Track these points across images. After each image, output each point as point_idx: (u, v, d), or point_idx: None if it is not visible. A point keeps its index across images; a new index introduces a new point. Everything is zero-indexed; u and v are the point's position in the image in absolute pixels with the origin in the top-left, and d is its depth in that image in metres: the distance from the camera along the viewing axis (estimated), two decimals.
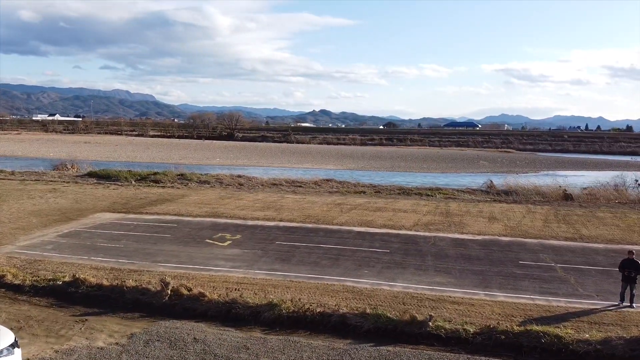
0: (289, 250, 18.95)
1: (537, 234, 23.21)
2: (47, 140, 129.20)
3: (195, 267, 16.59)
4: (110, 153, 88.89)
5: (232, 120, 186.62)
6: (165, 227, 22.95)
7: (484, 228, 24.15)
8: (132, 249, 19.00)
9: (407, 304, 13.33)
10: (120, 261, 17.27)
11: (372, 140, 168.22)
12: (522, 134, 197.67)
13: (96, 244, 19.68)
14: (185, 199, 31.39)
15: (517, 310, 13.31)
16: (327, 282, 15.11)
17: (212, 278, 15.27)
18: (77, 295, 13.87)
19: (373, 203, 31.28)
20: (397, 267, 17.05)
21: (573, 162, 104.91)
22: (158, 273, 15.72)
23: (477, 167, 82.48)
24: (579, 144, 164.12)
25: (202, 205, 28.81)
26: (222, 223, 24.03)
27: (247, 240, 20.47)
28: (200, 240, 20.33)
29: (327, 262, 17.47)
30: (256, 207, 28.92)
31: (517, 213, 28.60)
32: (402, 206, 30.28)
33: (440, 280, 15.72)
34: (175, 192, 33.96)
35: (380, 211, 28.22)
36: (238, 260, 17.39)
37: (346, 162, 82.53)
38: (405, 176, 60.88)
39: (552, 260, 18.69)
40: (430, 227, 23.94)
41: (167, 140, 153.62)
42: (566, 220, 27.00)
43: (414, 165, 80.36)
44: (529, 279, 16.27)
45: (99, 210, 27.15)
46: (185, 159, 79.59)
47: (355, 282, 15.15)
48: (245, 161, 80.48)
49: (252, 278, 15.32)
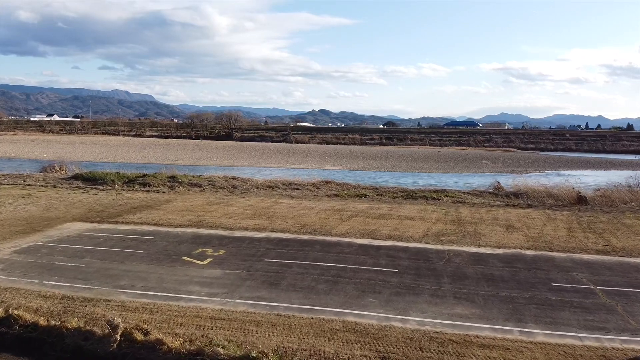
0: (279, 271, 16.05)
1: (564, 246, 20.33)
2: (42, 141, 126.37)
3: (163, 294, 13.69)
4: (105, 154, 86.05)
5: (231, 120, 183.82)
6: (140, 240, 20.06)
7: (503, 239, 21.27)
8: (94, 269, 16.12)
9: (426, 349, 10.44)
10: (76, 286, 14.39)
11: (372, 140, 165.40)
12: (524, 132, 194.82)
13: (54, 263, 16.81)
14: (169, 205, 28.49)
15: (565, 357, 10.45)
16: (323, 315, 12.22)
17: (182, 311, 12.38)
18: (8, 337, 11.04)
19: (376, 209, 28.39)
20: (409, 292, 14.15)
21: (577, 161, 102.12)
22: (117, 304, 12.85)
23: (479, 166, 79.70)
24: (581, 143, 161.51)
25: (186, 213, 25.92)
26: (205, 235, 21.13)
27: (231, 257, 17.56)
28: (176, 258, 17.43)
29: (324, 286, 14.58)
30: (246, 214, 26.02)
31: (536, 220, 25.71)
32: (408, 212, 27.40)
33: (462, 311, 12.83)
34: (160, 197, 31.06)
35: (384, 219, 25.34)
36: (217, 285, 14.49)
37: (346, 162, 79.64)
38: (407, 176, 58.01)
39: (589, 281, 15.83)
40: (442, 239, 21.05)
41: (164, 140, 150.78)
42: (592, 228, 24.12)
43: (415, 165, 77.55)
44: (568, 307, 13.40)
45: (70, 219, 24.26)
46: (181, 160, 76.77)
47: (359, 316, 12.27)
48: (242, 162, 77.64)
49: (230, 311, 12.42)
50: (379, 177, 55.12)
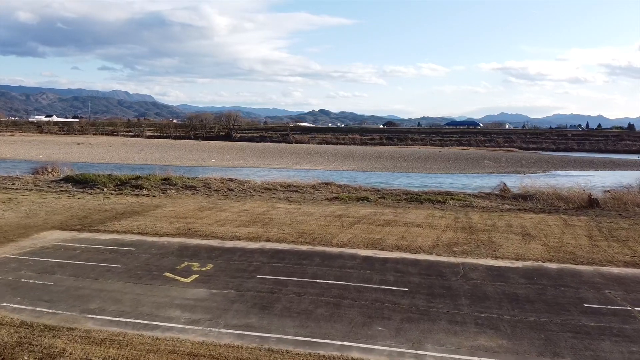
0: (272, 290, 14.12)
1: (588, 258, 18.42)
2: (39, 141, 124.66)
3: (137, 321, 11.77)
4: (101, 155, 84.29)
5: (230, 120, 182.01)
6: (120, 252, 18.14)
7: (521, 249, 19.35)
8: (64, 287, 14.21)
9: None
10: (39, 310, 12.49)
11: (372, 140, 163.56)
12: (525, 132, 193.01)
13: (20, 280, 14.91)
14: (158, 210, 26.58)
15: None
16: (323, 351, 10.28)
17: (156, 344, 10.46)
18: None
19: (380, 214, 26.47)
20: (423, 318, 12.22)
21: (580, 161, 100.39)
22: (81, 334, 10.95)
23: (481, 167, 77.91)
24: (583, 143, 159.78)
25: (175, 220, 23.99)
26: (193, 246, 19.21)
27: (219, 273, 15.63)
28: (158, 274, 15.51)
29: (324, 310, 12.65)
30: (240, 221, 24.09)
31: (554, 227, 23.78)
32: (415, 218, 25.47)
33: (486, 343, 10.91)
34: (150, 202, 29.11)
35: (389, 225, 23.42)
36: (200, 310, 12.56)
37: (346, 163, 77.79)
38: (409, 177, 56.15)
39: (624, 301, 13.92)
40: (454, 249, 19.13)
41: (162, 141, 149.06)
42: (614, 236, 22.21)
43: (417, 166, 75.74)
44: (608, 336, 11.50)
45: (49, 227, 22.36)
46: (179, 161, 75.00)
47: (366, 351, 10.32)
48: (241, 162, 75.84)
49: (213, 345, 10.48)
50: (381, 178, 53.23)
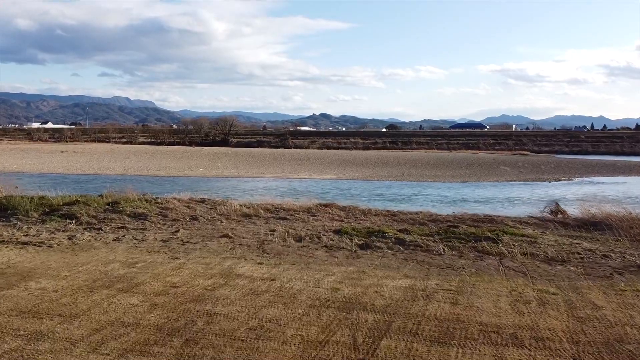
0: None
1: None
2: (22, 150, 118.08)
3: None
4: (81, 164, 77.46)
5: (226, 125, 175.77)
6: None
7: None
8: None
9: None
10: None
11: (375, 144, 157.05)
12: (536, 134, 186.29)
13: None
14: (5, 292, 9.48)
15: None
16: None
17: None
18: None
19: (422, 296, 9.43)
20: None
21: (602, 165, 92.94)
22: None
23: (498, 173, 70.72)
24: (598, 145, 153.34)
25: (3, 335, 8.02)
26: None
27: None
28: None
29: None
30: (142, 330, 7.65)
31: None
32: (492, 308, 8.83)
33: None
34: (20, 265, 11.10)
35: (453, 338, 7.40)
36: None
37: (348, 171, 70.80)
38: (421, 187, 49.02)
39: None
40: None
41: (154, 147, 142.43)
42: None
43: (427, 173, 68.65)
44: None
45: None
46: (163, 170, 68.20)
47: None
48: (232, 171, 68.88)
49: None
50: (390, 190, 46.22)
